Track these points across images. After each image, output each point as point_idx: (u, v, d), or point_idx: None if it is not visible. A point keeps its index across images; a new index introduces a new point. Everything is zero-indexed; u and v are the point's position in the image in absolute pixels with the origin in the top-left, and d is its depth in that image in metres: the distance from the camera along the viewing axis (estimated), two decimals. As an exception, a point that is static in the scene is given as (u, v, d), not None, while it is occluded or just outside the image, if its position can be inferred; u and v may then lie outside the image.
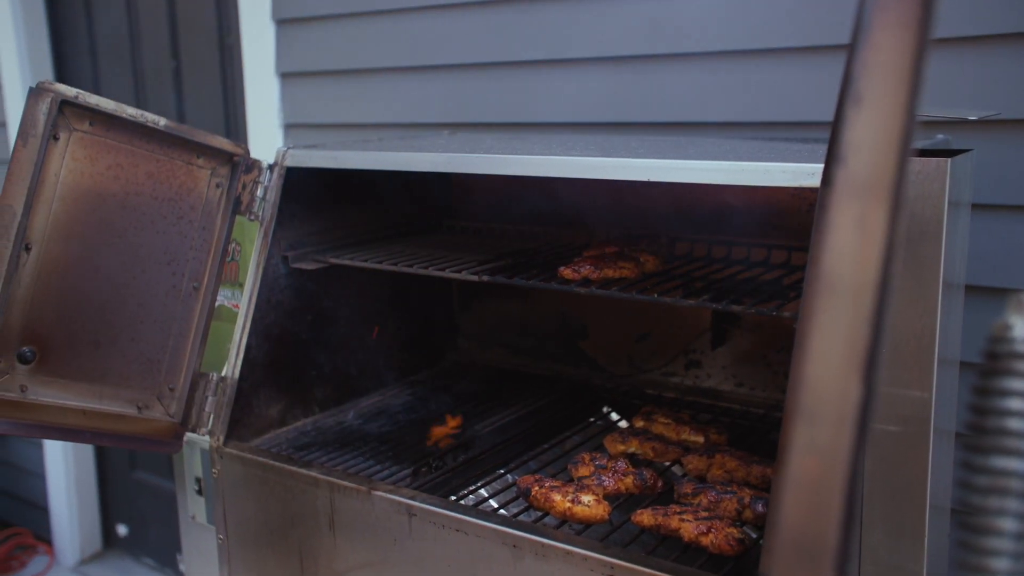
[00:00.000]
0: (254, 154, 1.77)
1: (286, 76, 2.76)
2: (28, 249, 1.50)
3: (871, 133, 0.58)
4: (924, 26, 0.58)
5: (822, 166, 1.24)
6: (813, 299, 0.58)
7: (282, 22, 2.72)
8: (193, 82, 3.26)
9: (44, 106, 1.48)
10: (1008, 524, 0.53)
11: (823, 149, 1.46)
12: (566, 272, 1.60)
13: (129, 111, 1.59)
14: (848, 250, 0.58)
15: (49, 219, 1.52)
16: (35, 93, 1.48)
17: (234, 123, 3.16)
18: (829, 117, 1.70)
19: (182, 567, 3.12)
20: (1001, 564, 0.54)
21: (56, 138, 1.51)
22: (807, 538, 0.56)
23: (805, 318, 0.61)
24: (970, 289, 1.58)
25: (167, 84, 3.33)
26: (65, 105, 1.51)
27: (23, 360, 1.50)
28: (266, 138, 2.81)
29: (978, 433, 0.56)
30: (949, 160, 1.14)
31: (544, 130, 2.30)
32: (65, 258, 1.55)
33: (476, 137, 2.16)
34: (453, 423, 1.89)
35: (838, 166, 0.59)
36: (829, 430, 0.56)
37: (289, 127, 2.79)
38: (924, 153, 1.17)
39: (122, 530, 3.92)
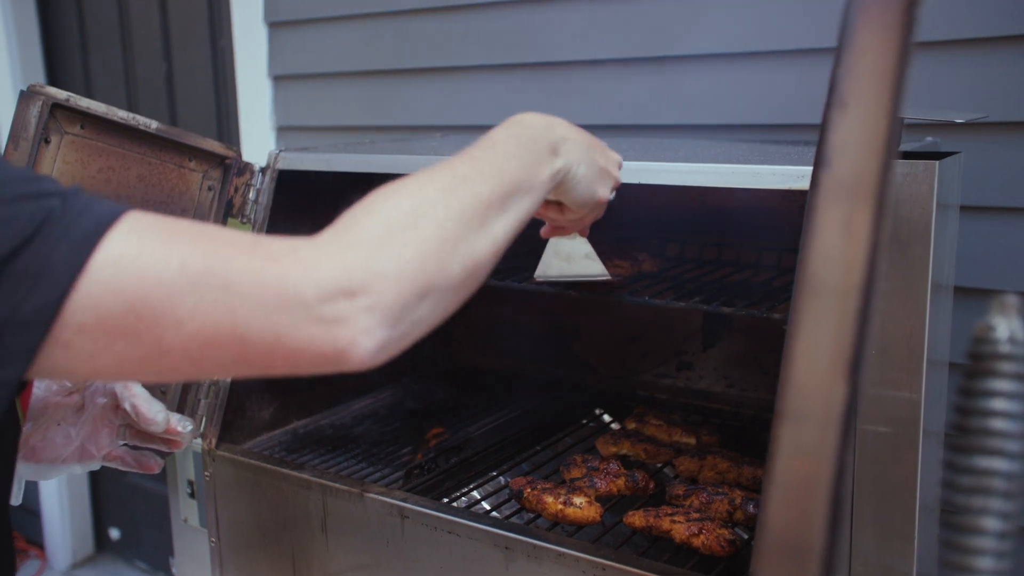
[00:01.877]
0: (247, 157, 1.77)
1: (278, 79, 2.76)
2: (19, 252, 1.49)
3: (855, 136, 0.59)
4: (907, 29, 0.58)
5: (811, 168, 1.25)
6: (800, 301, 0.59)
7: (274, 25, 2.72)
8: (185, 85, 3.26)
9: (35, 109, 1.48)
10: (992, 523, 0.54)
11: (813, 152, 1.47)
12: None
13: (120, 114, 1.59)
14: (833, 253, 0.59)
15: (40, 222, 1.52)
16: (26, 96, 1.48)
17: (226, 126, 3.16)
18: (818, 119, 1.71)
19: (175, 570, 3.11)
20: (985, 563, 0.54)
21: (47, 141, 1.51)
22: (793, 539, 0.56)
23: (793, 320, 0.61)
24: (959, 291, 1.59)
25: (159, 87, 3.33)
26: (56, 108, 1.51)
27: (14, 363, 1.50)
28: (259, 141, 2.81)
29: (962, 433, 0.57)
30: (937, 163, 1.15)
31: (536, 133, 2.31)
32: (56, 261, 1.54)
33: (468, 140, 2.16)
34: (437, 431, 1.88)
35: (823, 169, 0.60)
36: (816, 431, 0.56)
37: (282, 130, 2.79)
38: (912, 156, 1.17)
39: (114, 534, 3.91)
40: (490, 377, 2.19)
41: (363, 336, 0.69)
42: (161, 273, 0.64)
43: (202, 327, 0.65)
